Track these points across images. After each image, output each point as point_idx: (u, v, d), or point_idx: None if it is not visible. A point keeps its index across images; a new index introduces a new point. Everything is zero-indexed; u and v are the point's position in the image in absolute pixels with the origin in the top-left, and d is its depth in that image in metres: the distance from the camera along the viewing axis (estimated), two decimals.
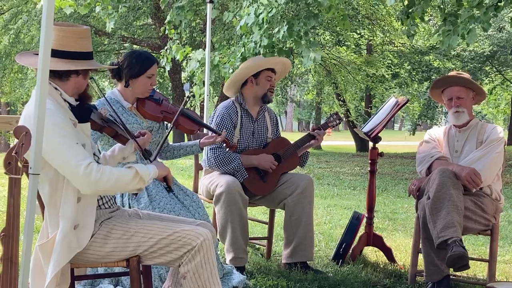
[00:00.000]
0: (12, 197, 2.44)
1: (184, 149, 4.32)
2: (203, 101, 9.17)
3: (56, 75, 2.78)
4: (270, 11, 6.33)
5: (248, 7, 6.66)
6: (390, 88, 21.94)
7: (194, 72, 8.12)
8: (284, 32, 6.40)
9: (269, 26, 6.48)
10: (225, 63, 7.58)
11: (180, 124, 4.01)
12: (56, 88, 2.81)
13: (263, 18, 6.39)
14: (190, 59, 8.06)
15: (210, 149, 4.59)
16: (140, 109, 4.00)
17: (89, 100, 2.97)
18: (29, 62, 2.84)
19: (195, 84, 8.60)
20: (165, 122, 4.18)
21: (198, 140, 4.31)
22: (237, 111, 4.75)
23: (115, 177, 2.71)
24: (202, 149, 4.35)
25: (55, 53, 2.72)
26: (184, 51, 8.13)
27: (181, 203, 3.91)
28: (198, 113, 15.26)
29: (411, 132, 20.11)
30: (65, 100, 2.84)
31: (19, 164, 2.42)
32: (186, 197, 3.99)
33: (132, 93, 3.99)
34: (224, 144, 4.39)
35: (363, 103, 22.82)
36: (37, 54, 2.72)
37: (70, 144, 2.66)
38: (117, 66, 3.82)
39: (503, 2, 5.92)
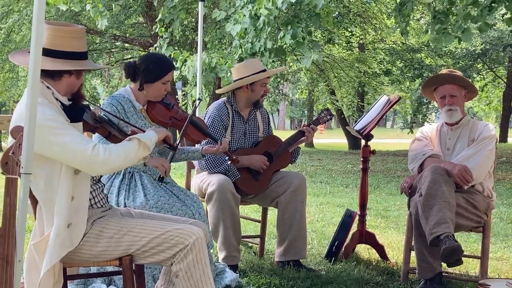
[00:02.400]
0: (8, 197, 2.44)
1: (185, 154, 4.28)
2: (195, 101, 9.19)
3: (48, 75, 2.77)
4: (272, 13, 6.31)
5: (242, 8, 6.63)
6: (383, 84, 21.95)
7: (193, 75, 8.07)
8: (289, 35, 6.39)
9: (272, 29, 6.47)
10: (221, 64, 7.56)
11: (187, 134, 3.96)
12: (48, 87, 2.80)
13: (264, 21, 6.37)
14: (190, 66, 7.99)
15: None
16: (150, 112, 3.94)
17: (82, 100, 2.95)
18: (22, 61, 2.82)
19: (189, 84, 8.57)
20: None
21: (200, 147, 4.29)
22: (228, 112, 4.73)
23: (123, 152, 2.76)
24: (203, 156, 4.33)
25: (48, 52, 2.71)
26: (183, 56, 8.09)
27: (181, 202, 3.86)
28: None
29: (409, 130, 20.00)
30: (57, 100, 2.83)
31: (16, 164, 2.42)
32: (187, 197, 3.94)
33: (144, 96, 3.94)
34: (227, 157, 4.31)
35: (357, 99, 22.80)
36: None
37: (69, 133, 2.66)
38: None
39: (497, 3, 5.91)
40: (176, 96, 13.95)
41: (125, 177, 3.90)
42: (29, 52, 2.79)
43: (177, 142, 3.91)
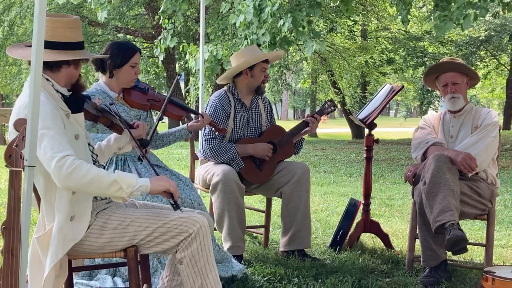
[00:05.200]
0: (12, 190, 2.44)
1: (173, 134, 4.37)
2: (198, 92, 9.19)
3: (47, 66, 2.75)
4: (274, 4, 6.29)
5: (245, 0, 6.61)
6: (385, 74, 21.90)
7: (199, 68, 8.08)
8: (289, 24, 6.37)
9: (273, 20, 6.45)
10: (227, 56, 7.54)
11: (168, 111, 4.05)
12: (47, 79, 2.79)
13: (268, 13, 6.36)
14: (198, 58, 7.99)
15: (205, 140, 4.60)
16: (127, 99, 4.01)
17: (82, 90, 2.95)
18: (21, 55, 2.82)
19: (194, 76, 8.55)
20: (152, 110, 4.21)
21: (185, 124, 4.35)
22: (230, 101, 4.73)
23: (91, 176, 2.60)
24: (190, 132, 4.39)
25: (45, 44, 2.70)
26: (191, 49, 8.09)
27: None
28: (194, 104, 15.22)
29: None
30: (57, 91, 2.82)
31: (20, 156, 2.42)
32: (179, 182, 4.01)
33: (117, 84, 3.99)
34: (213, 128, 4.47)
35: (359, 90, 22.80)
36: (28, 46, 2.71)
37: (52, 135, 2.61)
38: (103, 56, 3.79)
39: None
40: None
41: (118, 164, 3.97)
42: (26, 45, 2.79)
43: (155, 124, 4.04)
